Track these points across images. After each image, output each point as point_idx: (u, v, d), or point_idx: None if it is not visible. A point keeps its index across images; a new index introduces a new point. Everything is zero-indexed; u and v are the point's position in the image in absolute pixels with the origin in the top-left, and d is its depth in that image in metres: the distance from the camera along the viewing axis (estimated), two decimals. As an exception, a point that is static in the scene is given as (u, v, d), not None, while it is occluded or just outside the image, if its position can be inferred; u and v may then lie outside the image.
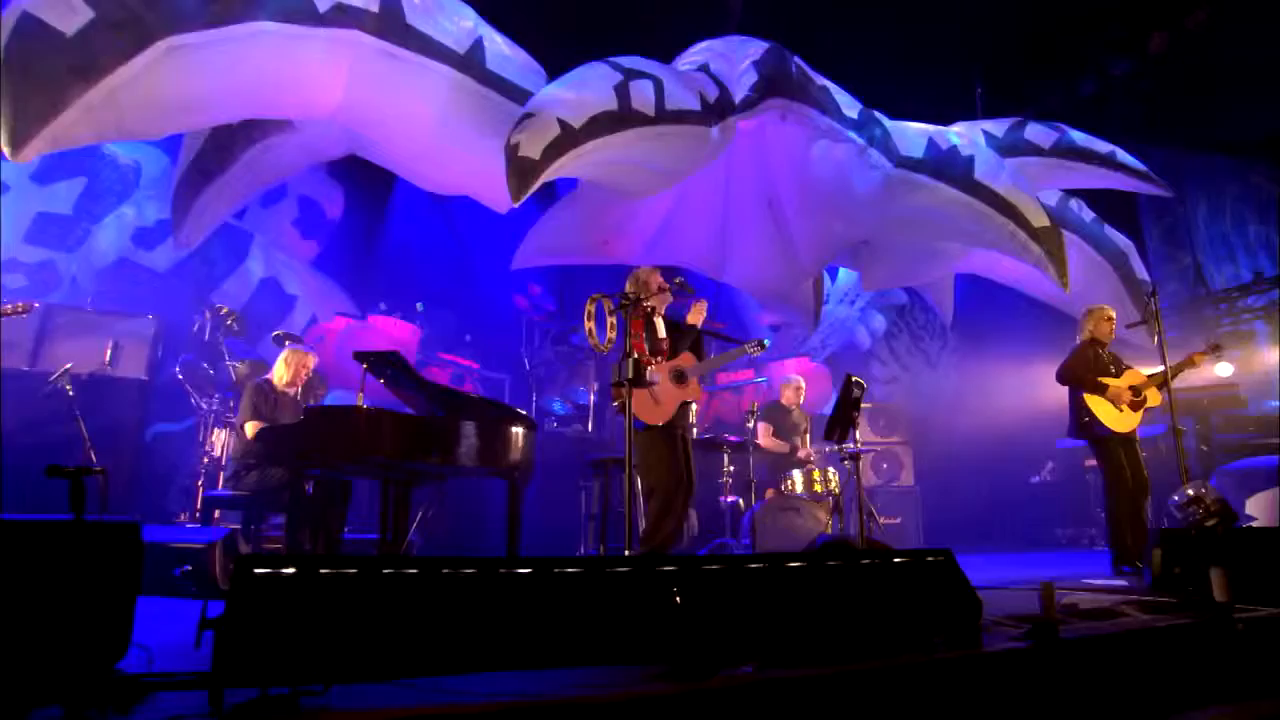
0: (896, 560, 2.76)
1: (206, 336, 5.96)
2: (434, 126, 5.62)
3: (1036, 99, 9.40)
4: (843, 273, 9.79)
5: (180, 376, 5.69)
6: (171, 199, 5.68)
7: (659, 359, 3.85)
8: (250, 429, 4.58)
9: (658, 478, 4.40)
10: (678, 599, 2.28)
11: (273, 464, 4.48)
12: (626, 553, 3.68)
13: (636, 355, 3.75)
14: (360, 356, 4.48)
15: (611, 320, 3.96)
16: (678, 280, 4.57)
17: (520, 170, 4.77)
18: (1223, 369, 8.43)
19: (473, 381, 8.23)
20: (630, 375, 3.80)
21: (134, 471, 5.46)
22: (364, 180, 8.41)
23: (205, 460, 5.65)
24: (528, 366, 7.87)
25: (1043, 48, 9.57)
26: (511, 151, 4.83)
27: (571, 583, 2.24)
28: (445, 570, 2.06)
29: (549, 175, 4.90)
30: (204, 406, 5.74)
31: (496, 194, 6.23)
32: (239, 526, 4.67)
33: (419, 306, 7.69)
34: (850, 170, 6.15)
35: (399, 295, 8.13)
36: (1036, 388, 8.51)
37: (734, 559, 2.52)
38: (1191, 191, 10.01)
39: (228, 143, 5.56)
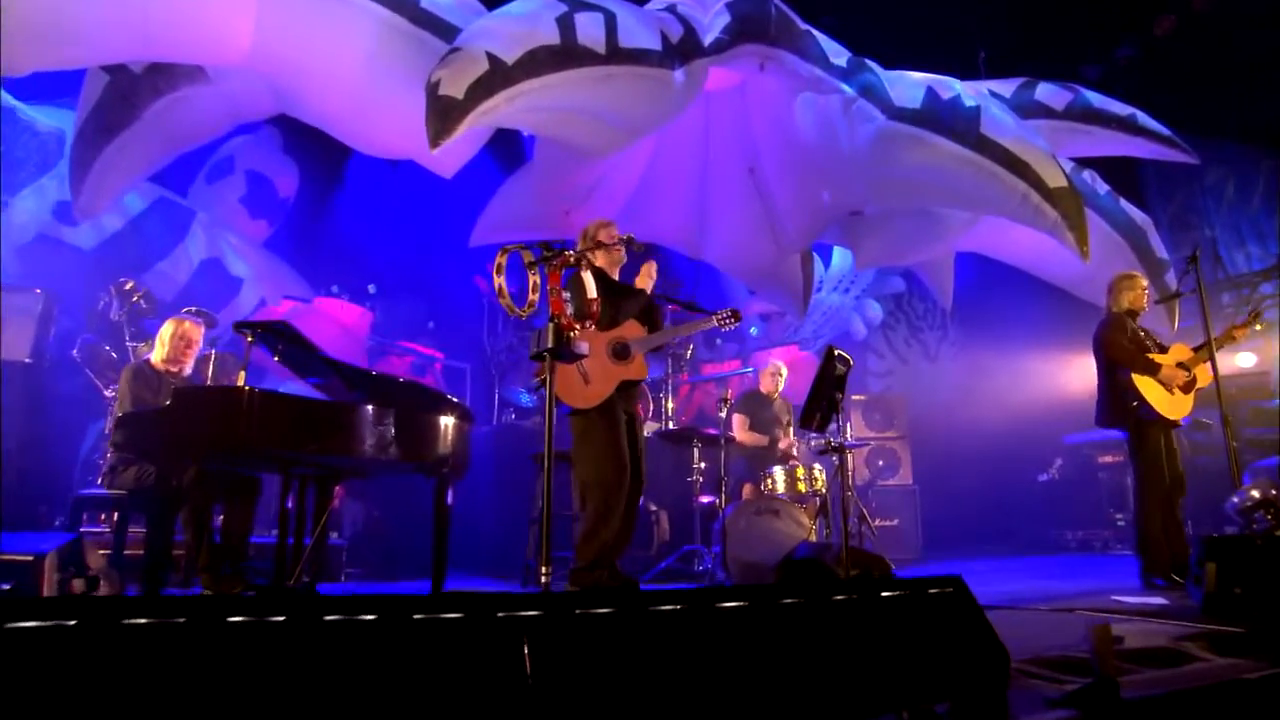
0: (886, 594, 1.82)
1: (113, 315, 5.06)
2: (363, 76, 4.74)
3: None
4: (837, 259, 8.97)
5: (79, 359, 4.80)
6: (69, 158, 4.80)
7: (587, 324, 2.96)
8: (116, 419, 3.66)
9: (594, 472, 3.51)
10: (528, 665, 1.36)
11: (137, 457, 3.59)
12: (542, 575, 2.77)
13: (555, 317, 2.84)
14: (242, 327, 3.60)
15: (535, 278, 3.04)
16: (626, 236, 3.66)
17: (440, 111, 3.91)
18: (1244, 359, 7.49)
19: (433, 373, 7.37)
20: (551, 344, 2.89)
21: (17, 468, 4.56)
22: (321, 155, 7.56)
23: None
24: (489, 353, 6.97)
25: (1044, 30, 8.71)
26: (431, 90, 3.96)
27: (351, 638, 1.32)
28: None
29: (477, 119, 4.02)
30: (108, 394, 4.85)
31: (442, 156, 5.38)
32: (108, 531, 3.79)
33: (370, 289, 6.86)
34: (838, 126, 5.24)
35: (357, 278, 7.30)
36: (1043, 379, 7.82)
37: (633, 597, 1.59)
38: (1202, 174, 9.10)
39: (129, 93, 4.68)
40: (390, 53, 4.62)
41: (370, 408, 3.69)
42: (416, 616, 1.40)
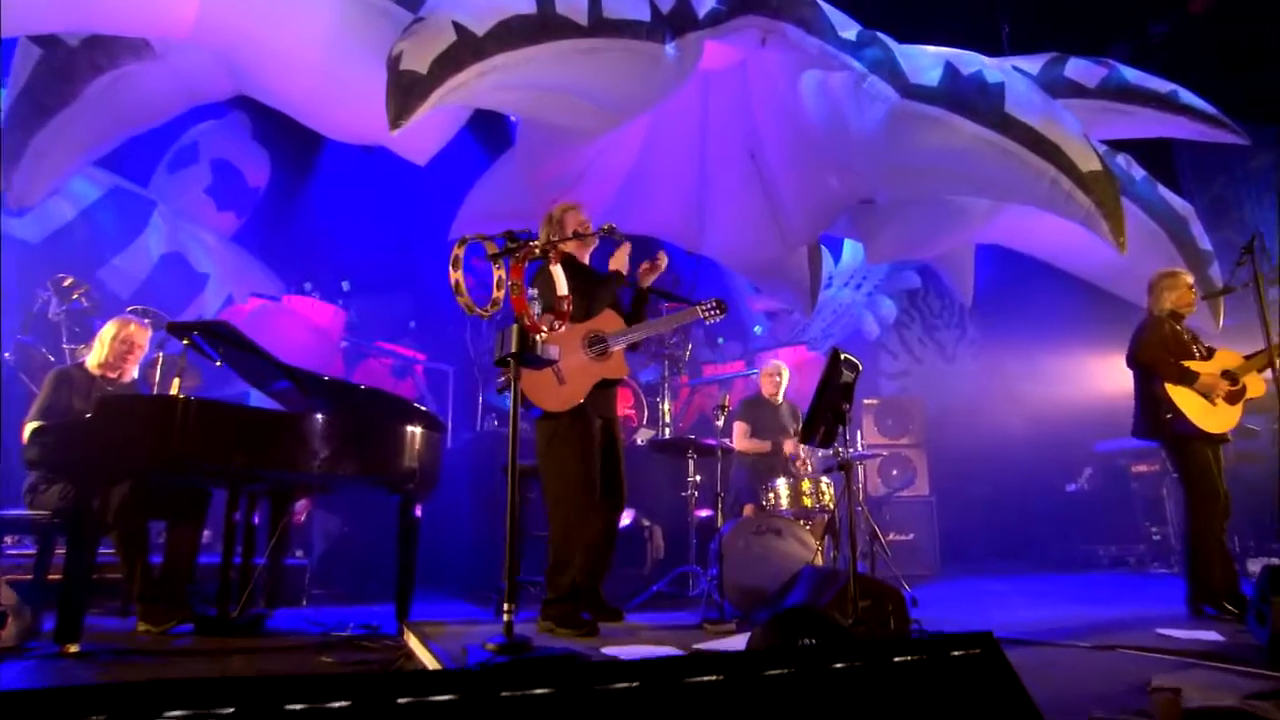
0: (900, 659, 1.52)
1: (51, 315, 4.79)
2: (324, 52, 4.47)
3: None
4: (847, 253, 8.71)
5: (11, 363, 4.52)
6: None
7: (556, 323, 2.67)
8: (30, 430, 3.36)
9: (560, 486, 3.25)
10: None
11: (54, 474, 3.31)
12: (506, 610, 2.48)
13: (520, 317, 2.55)
14: (177, 329, 3.33)
15: (500, 273, 2.76)
16: (606, 227, 3.37)
17: (402, 88, 3.64)
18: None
19: (414, 376, 7.09)
20: (515, 347, 2.61)
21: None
22: (294, 142, 7.29)
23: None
24: (472, 354, 6.69)
25: (1072, 3, 8.37)
26: (392, 64, 3.69)
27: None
28: None
29: (444, 97, 3.74)
30: (49, 400, 4.56)
31: (413, 141, 5.11)
32: (33, 555, 3.51)
33: (344, 285, 6.57)
34: (847, 107, 4.93)
35: (332, 274, 7.03)
36: (1072, 381, 7.47)
37: (576, 673, 1.29)
38: (1243, 160, 8.72)
39: (66, 69, 4.42)
40: (353, 26, 4.36)
41: (320, 417, 3.44)
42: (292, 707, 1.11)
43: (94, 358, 3.92)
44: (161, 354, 4.26)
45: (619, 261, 3.48)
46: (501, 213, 5.96)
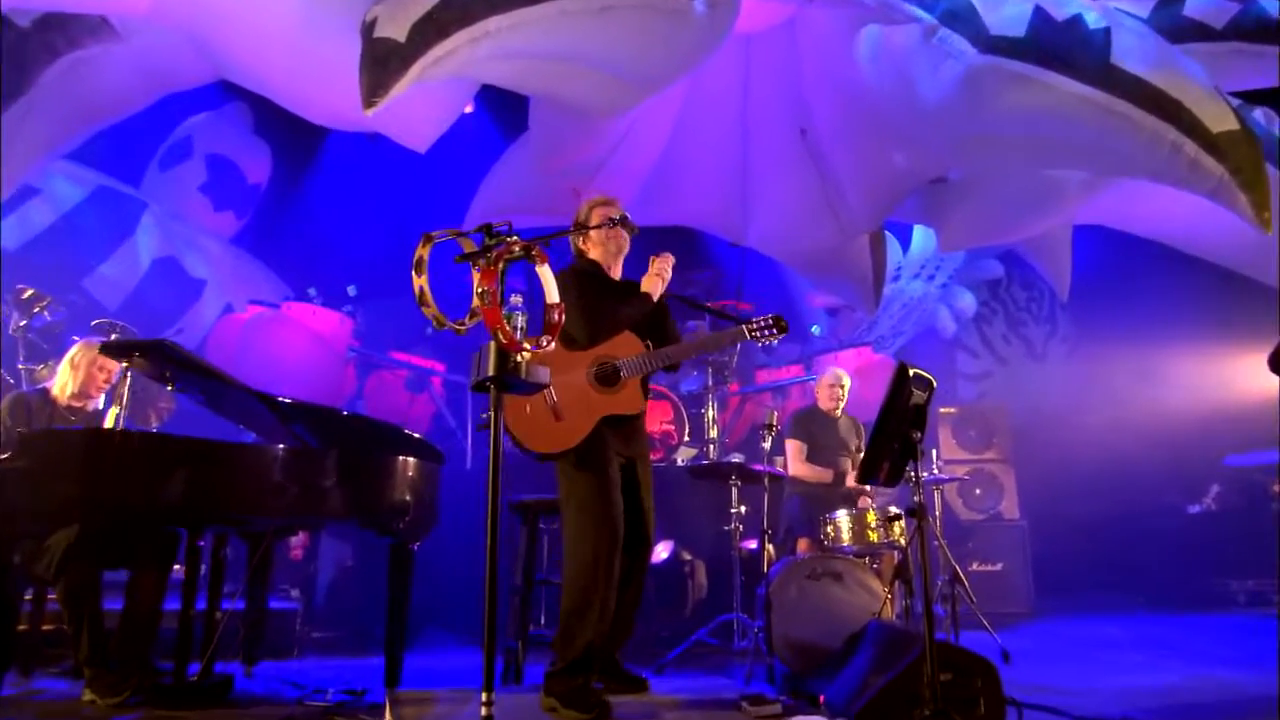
0: None
1: (10, 330, 4.62)
2: (301, 26, 4.18)
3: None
4: (917, 240, 8.31)
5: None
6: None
7: (545, 340, 2.28)
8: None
9: (574, 540, 2.89)
10: None
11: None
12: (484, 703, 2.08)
13: (494, 331, 2.19)
14: (113, 350, 3.06)
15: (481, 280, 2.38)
16: (618, 215, 2.97)
17: (377, 59, 3.34)
18: None
19: (430, 389, 6.83)
20: (492, 370, 2.25)
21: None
22: (297, 135, 7.10)
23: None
24: (494, 365, 6.38)
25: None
26: (366, 31, 3.38)
27: None
28: None
29: (427, 69, 3.42)
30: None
31: (409, 124, 4.82)
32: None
33: (350, 290, 6.36)
34: (914, 68, 4.53)
35: (340, 277, 6.84)
36: (1195, 383, 7.06)
37: None
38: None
39: (17, 52, 4.25)
40: (330, -4, 4.05)
41: (281, 449, 3.15)
42: None
43: (60, 384, 3.77)
44: (127, 372, 4.02)
45: (651, 285, 3.05)
46: (519, 206, 5.76)
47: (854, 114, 5.19)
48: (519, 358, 2.24)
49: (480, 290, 2.21)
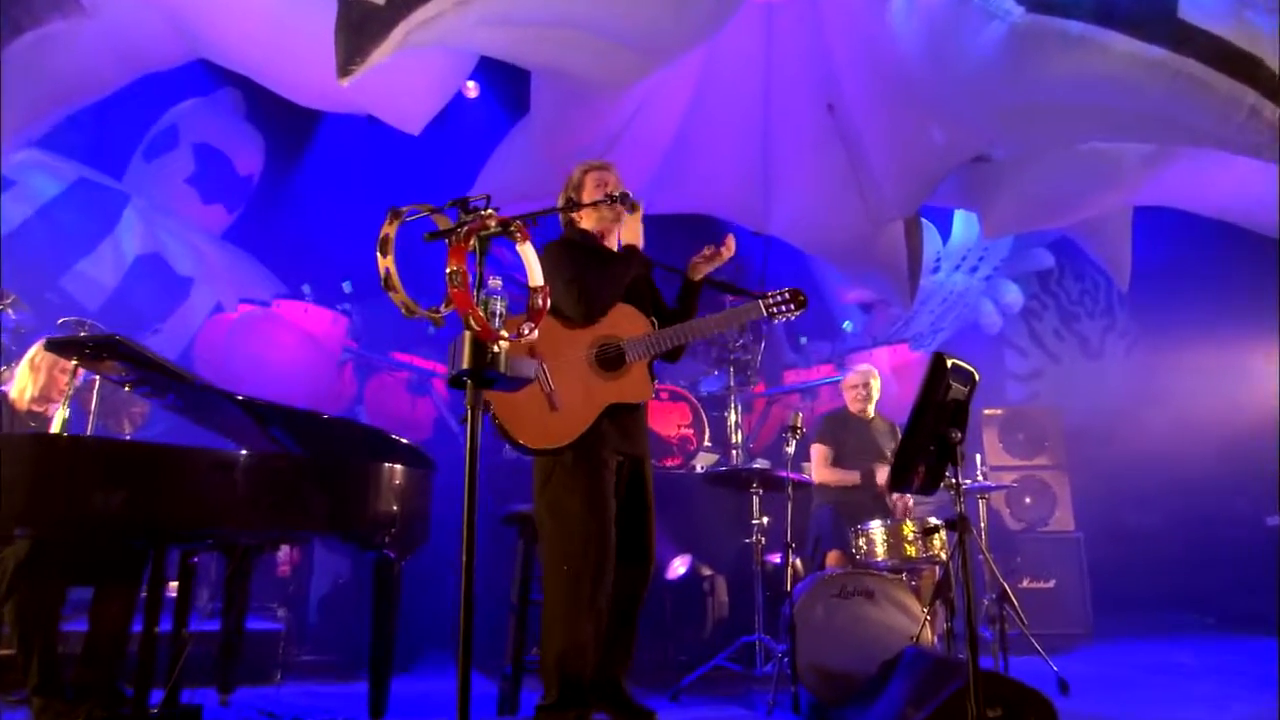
0: None
1: (-20, 329, 4.54)
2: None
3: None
4: (958, 227, 8.30)
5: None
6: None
7: (527, 326, 2.09)
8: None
9: (558, 549, 2.72)
10: None
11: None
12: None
13: (466, 318, 2.00)
14: (58, 347, 2.93)
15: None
16: (618, 193, 2.79)
17: (353, 25, 3.22)
18: None
19: (433, 391, 6.75)
20: (468, 362, 2.07)
21: None
22: (291, 122, 7.07)
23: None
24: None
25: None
26: (341, -7, 3.18)
27: None
28: None
29: (408, 36, 3.28)
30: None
31: (400, 103, 4.69)
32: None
33: (346, 287, 6.31)
34: (952, 31, 4.37)
35: (336, 273, 6.78)
36: (1267, 382, 6.81)
37: None
38: None
39: (-23, 30, 4.14)
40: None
41: (247, 454, 3.01)
42: None
43: (19, 387, 3.72)
44: (99, 380, 3.92)
45: (631, 233, 2.88)
46: (525, 192, 5.63)
47: (886, 86, 5.05)
48: (495, 348, 2.04)
49: (450, 271, 2.01)
